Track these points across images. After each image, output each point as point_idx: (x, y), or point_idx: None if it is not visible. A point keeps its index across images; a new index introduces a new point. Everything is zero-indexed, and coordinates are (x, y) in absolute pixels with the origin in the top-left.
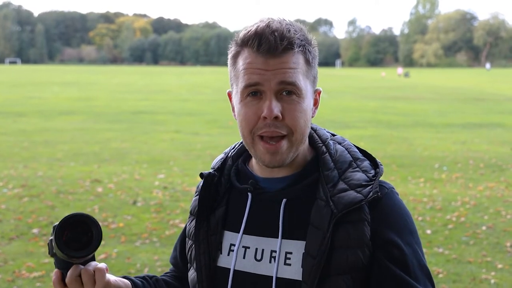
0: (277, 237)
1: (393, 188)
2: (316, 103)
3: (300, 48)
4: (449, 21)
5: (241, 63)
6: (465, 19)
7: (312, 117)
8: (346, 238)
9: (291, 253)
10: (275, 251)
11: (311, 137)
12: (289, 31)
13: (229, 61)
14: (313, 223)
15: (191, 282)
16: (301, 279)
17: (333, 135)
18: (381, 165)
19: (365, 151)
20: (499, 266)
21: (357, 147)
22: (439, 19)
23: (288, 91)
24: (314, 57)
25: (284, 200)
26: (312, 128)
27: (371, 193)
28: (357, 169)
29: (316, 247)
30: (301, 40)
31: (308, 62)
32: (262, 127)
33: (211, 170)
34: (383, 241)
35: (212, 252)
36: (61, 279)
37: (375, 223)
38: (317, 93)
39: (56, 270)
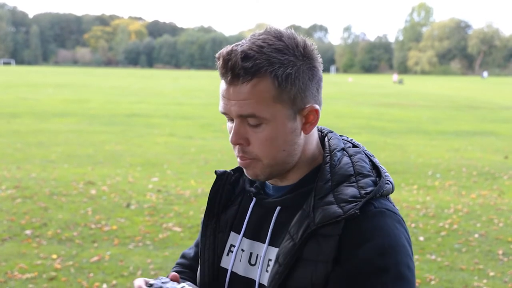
0: (265, 243)
1: (388, 210)
2: (309, 120)
3: (263, 74)
4: (444, 29)
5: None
6: (460, 27)
7: (307, 133)
8: (315, 252)
9: (271, 260)
10: (261, 257)
11: (323, 145)
12: (248, 58)
13: None
14: (290, 231)
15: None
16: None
17: (354, 145)
18: (387, 183)
19: (378, 167)
20: (491, 273)
21: (373, 162)
22: (433, 27)
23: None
24: (291, 76)
25: (278, 208)
26: (327, 135)
27: (351, 210)
28: (353, 184)
29: (285, 255)
30: (268, 65)
31: (279, 85)
32: (236, 149)
33: (229, 169)
34: (344, 257)
35: (217, 249)
36: None
37: (345, 239)
38: (307, 110)
39: None
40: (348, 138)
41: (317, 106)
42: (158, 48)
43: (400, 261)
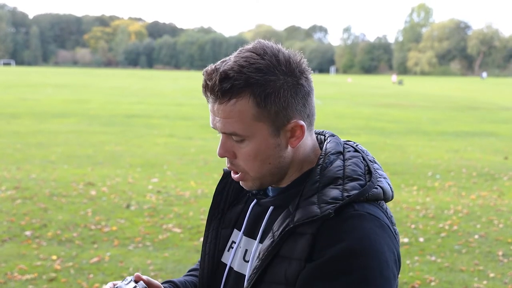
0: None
1: (370, 214)
2: (294, 135)
3: (242, 94)
4: (443, 30)
5: None
6: (459, 28)
7: (294, 147)
8: (291, 249)
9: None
10: (252, 253)
11: (321, 147)
12: (227, 78)
13: None
14: (273, 228)
15: None
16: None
17: (356, 150)
18: (375, 188)
19: (372, 172)
20: (491, 275)
21: (369, 168)
22: (433, 27)
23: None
24: (270, 96)
25: (271, 207)
26: (327, 139)
27: (327, 210)
28: (339, 186)
29: (264, 251)
30: (246, 85)
31: (258, 104)
32: (226, 161)
33: None
34: (316, 256)
35: (219, 244)
36: None
37: (319, 239)
38: (291, 126)
39: None
40: (354, 143)
41: (301, 122)
42: (158, 48)
43: (370, 266)
